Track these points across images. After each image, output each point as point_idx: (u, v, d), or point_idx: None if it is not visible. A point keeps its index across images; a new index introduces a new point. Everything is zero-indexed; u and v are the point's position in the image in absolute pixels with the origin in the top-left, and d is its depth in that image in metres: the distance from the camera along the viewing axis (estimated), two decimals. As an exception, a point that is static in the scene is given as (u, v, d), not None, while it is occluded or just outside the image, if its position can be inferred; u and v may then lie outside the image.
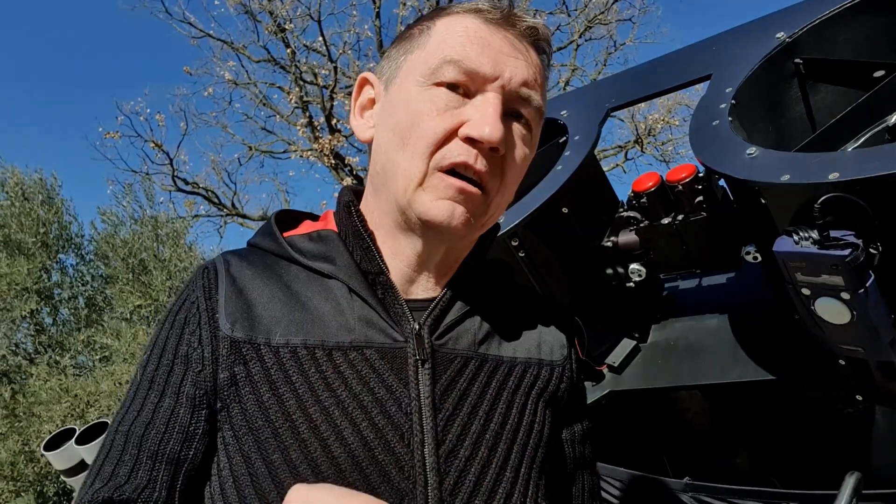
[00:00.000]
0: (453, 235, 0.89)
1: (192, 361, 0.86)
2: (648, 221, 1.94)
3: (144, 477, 0.82)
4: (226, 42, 15.76)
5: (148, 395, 0.87)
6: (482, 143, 0.83)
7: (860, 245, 1.27)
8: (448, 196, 0.85)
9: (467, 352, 0.93)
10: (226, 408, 0.85)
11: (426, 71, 0.86)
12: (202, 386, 0.85)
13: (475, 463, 0.87)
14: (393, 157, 0.88)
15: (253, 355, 0.85)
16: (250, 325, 0.87)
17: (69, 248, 10.02)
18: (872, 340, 1.38)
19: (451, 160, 0.84)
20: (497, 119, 0.84)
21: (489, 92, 0.85)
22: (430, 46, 0.88)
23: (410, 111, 0.86)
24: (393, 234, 0.93)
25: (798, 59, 1.77)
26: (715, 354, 1.94)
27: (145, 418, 0.85)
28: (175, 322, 0.90)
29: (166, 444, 0.84)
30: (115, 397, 8.57)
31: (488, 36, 0.86)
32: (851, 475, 1.47)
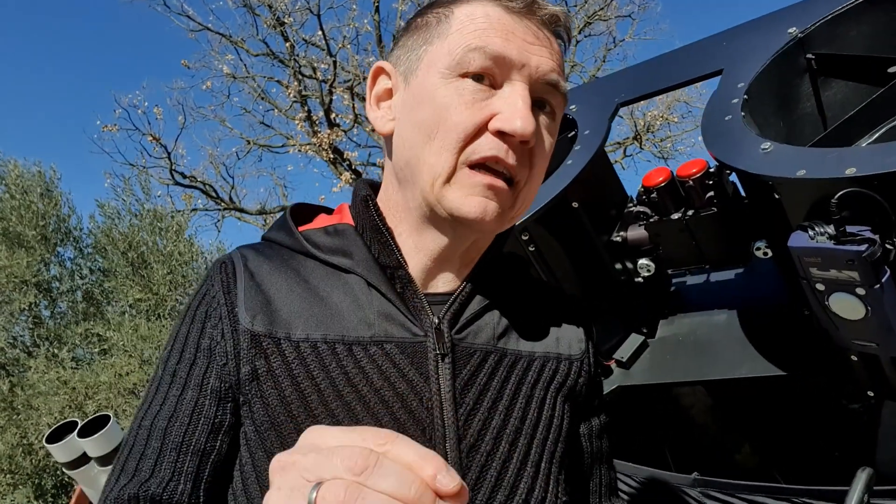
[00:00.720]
0: (485, 230, 0.88)
1: (217, 355, 0.85)
2: (658, 216, 1.93)
3: (168, 470, 0.81)
4: (224, 35, 15.71)
5: (170, 389, 0.86)
6: (513, 137, 0.82)
7: (877, 241, 1.27)
8: (479, 192, 0.83)
9: (487, 346, 0.92)
10: (248, 402, 0.84)
11: (450, 61, 0.83)
12: (227, 379, 0.85)
13: (496, 458, 0.86)
14: (418, 153, 0.85)
15: (274, 349, 0.84)
16: (270, 320, 0.86)
17: (68, 241, 9.98)
18: (886, 336, 1.38)
19: (481, 154, 0.82)
20: (528, 111, 0.82)
21: (517, 82, 0.83)
22: (451, 36, 0.85)
23: (436, 105, 0.83)
24: (418, 228, 0.91)
25: (810, 54, 1.76)
26: (724, 350, 1.94)
27: (168, 411, 0.84)
28: (196, 316, 0.89)
29: (191, 435, 0.83)
30: (115, 390, 8.55)
31: (512, 25, 0.84)
32: (863, 471, 1.47)
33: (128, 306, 9.67)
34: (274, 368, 0.83)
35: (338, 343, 0.85)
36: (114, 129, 15.25)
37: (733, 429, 2.14)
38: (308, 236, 0.95)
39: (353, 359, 0.85)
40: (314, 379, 0.83)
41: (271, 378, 0.83)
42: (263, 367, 0.84)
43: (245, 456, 0.84)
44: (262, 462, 0.82)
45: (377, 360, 0.85)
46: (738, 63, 1.79)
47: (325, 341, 0.85)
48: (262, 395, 0.83)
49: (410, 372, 0.86)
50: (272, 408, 0.82)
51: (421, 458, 0.50)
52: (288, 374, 0.83)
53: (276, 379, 0.83)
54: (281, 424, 0.82)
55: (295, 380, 0.83)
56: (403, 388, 0.85)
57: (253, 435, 0.83)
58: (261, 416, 0.83)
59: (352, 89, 15.24)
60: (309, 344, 0.85)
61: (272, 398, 0.83)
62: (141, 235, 9.80)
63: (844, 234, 1.29)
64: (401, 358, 0.86)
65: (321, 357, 0.84)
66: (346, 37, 15.35)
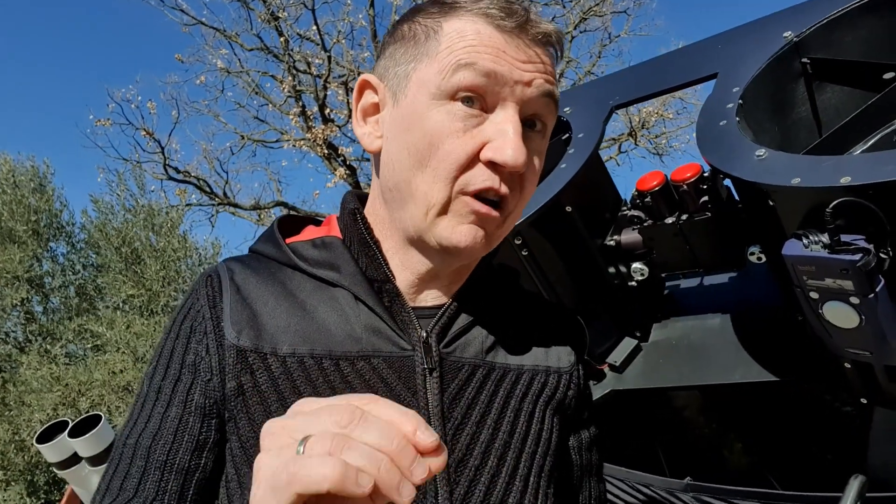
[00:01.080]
0: (471, 257, 0.89)
1: (201, 371, 0.85)
2: (652, 221, 1.93)
3: (152, 489, 0.81)
4: (218, 30, 15.61)
5: (155, 405, 0.86)
6: (506, 168, 0.81)
7: (871, 250, 1.26)
8: (470, 220, 0.83)
9: (475, 360, 0.92)
10: (233, 419, 0.84)
11: (440, 82, 0.82)
12: (211, 395, 0.84)
13: (485, 472, 0.86)
14: (409, 178, 0.84)
15: (260, 364, 0.84)
16: (256, 334, 0.85)
17: (60, 236, 9.95)
18: (880, 345, 1.37)
19: (476, 186, 0.82)
20: (519, 141, 0.81)
21: (508, 107, 0.82)
22: (440, 54, 0.83)
23: (427, 131, 0.82)
24: (404, 247, 0.91)
25: (805, 58, 1.76)
26: (717, 354, 1.93)
27: (152, 429, 0.84)
28: (181, 331, 0.89)
29: (175, 453, 0.83)
30: (108, 387, 8.53)
31: (502, 44, 0.82)
32: (856, 478, 1.47)
33: (121, 302, 9.64)
34: (260, 384, 0.83)
35: (325, 358, 0.85)
36: (107, 124, 15.16)
37: (726, 433, 2.13)
38: (295, 249, 0.94)
39: (340, 374, 0.84)
40: (301, 394, 0.82)
41: (257, 394, 0.83)
42: (249, 383, 0.83)
43: (231, 472, 0.84)
44: (247, 478, 0.81)
45: (364, 375, 0.85)
46: (733, 67, 1.78)
47: (312, 356, 0.85)
48: (248, 410, 0.82)
49: (398, 386, 0.85)
50: (257, 423, 0.81)
51: (401, 415, 0.54)
52: (274, 390, 0.83)
53: (261, 394, 0.82)
54: None
55: (281, 395, 0.82)
56: None
57: (238, 451, 0.83)
58: (246, 433, 0.82)
59: (346, 84, 15.19)
60: (296, 359, 0.84)
61: (258, 414, 0.82)
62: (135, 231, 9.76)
63: (839, 243, 1.28)
64: (388, 372, 0.86)
65: (308, 372, 0.84)
66: (341, 32, 15.29)
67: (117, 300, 9.61)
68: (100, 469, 3.05)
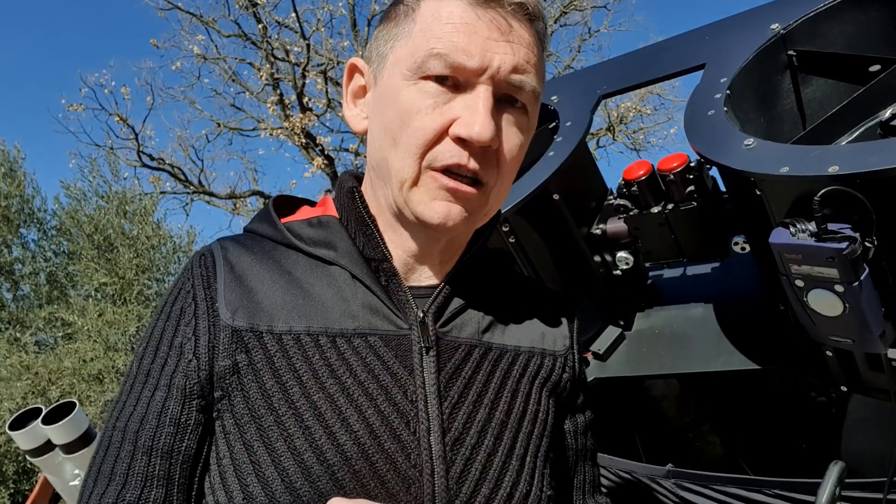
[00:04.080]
0: (451, 232, 0.88)
1: (185, 352, 0.85)
2: (638, 210, 1.94)
3: (141, 475, 0.82)
4: (195, 15, 15.41)
5: (143, 388, 0.86)
6: (472, 143, 0.81)
7: (857, 238, 1.28)
8: (442, 196, 0.83)
9: (471, 340, 0.92)
10: (227, 396, 0.83)
11: (412, 64, 0.82)
12: (193, 377, 0.84)
13: (481, 451, 0.86)
14: (386, 156, 0.86)
15: (255, 343, 0.83)
16: (252, 313, 0.85)
17: (31, 222, 9.75)
18: (863, 332, 1.39)
19: (443, 162, 0.82)
20: (487, 116, 0.80)
21: (479, 85, 0.82)
22: (414, 36, 0.84)
23: (399, 108, 0.83)
24: (393, 225, 0.91)
25: (791, 50, 1.78)
26: (699, 344, 1.96)
27: (140, 413, 0.84)
28: (171, 313, 0.88)
29: (160, 438, 0.83)
30: (79, 375, 8.40)
31: (475, 21, 0.81)
32: (835, 464, 1.49)
33: (93, 290, 9.49)
34: (255, 362, 0.82)
35: (321, 335, 0.84)
36: (79, 109, 14.93)
37: (707, 421, 2.16)
38: (291, 228, 0.94)
39: (336, 351, 0.84)
40: (296, 371, 0.82)
41: (252, 371, 0.82)
42: (244, 361, 0.83)
43: (223, 449, 0.83)
44: (240, 454, 0.80)
45: (361, 353, 0.85)
46: (721, 58, 1.80)
47: (309, 333, 0.84)
48: (243, 387, 0.82)
49: (395, 365, 0.85)
50: (252, 400, 0.81)
51: None
52: (269, 367, 0.82)
53: (256, 372, 0.82)
54: (261, 417, 0.80)
55: (276, 372, 0.82)
56: (388, 381, 0.84)
57: (232, 427, 0.82)
58: (241, 409, 0.82)
59: (325, 73, 15.08)
60: (292, 336, 0.84)
61: (252, 391, 0.81)
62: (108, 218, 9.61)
63: (825, 232, 1.30)
64: (385, 351, 0.85)
65: (304, 349, 0.83)
66: (321, 20, 15.18)
67: (89, 288, 9.46)
68: (73, 457, 2.99)
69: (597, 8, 16.85)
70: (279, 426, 0.80)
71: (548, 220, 1.94)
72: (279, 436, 0.79)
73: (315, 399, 0.81)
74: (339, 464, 0.79)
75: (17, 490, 8.41)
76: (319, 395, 0.81)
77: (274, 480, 0.78)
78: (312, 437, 0.79)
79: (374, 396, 0.83)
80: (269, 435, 0.80)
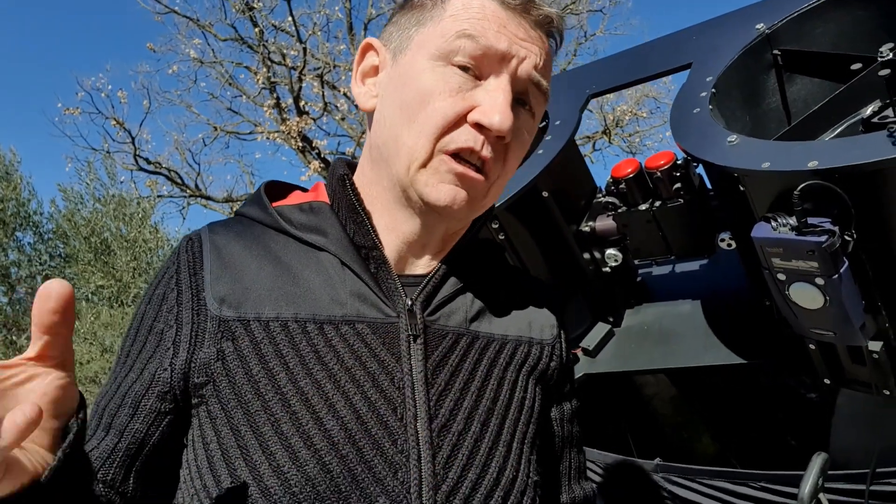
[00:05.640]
0: (453, 218, 0.90)
1: (165, 339, 0.86)
2: (626, 207, 1.96)
3: (106, 450, 0.84)
4: (191, 19, 15.40)
5: (122, 370, 0.88)
6: (491, 131, 0.83)
7: (836, 232, 1.31)
8: (450, 180, 0.85)
9: (459, 328, 0.93)
10: (211, 381, 0.83)
11: (441, 44, 0.84)
12: (166, 366, 0.85)
13: (468, 437, 0.87)
14: (398, 133, 0.86)
15: (242, 331, 0.84)
16: (239, 301, 0.86)
17: (27, 225, 9.75)
18: (843, 325, 1.42)
19: (457, 145, 0.84)
20: (507, 107, 0.83)
21: (501, 77, 0.85)
22: (445, 20, 0.86)
23: (421, 88, 0.85)
24: (390, 209, 0.92)
25: (776, 50, 1.80)
26: (687, 339, 1.98)
27: (118, 395, 0.87)
28: (154, 297, 0.90)
29: (129, 419, 0.85)
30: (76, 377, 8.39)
31: (505, 19, 0.85)
32: (818, 455, 1.52)
33: (90, 293, 9.48)
34: (241, 349, 0.83)
35: (309, 322, 0.85)
36: (76, 112, 14.89)
37: (695, 416, 2.18)
38: (282, 212, 0.94)
39: (324, 338, 0.85)
40: (283, 357, 0.83)
41: (238, 358, 0.83)
42: (230, 348, 0.83)
43: (210, 434, 0.83)
44: (227, 439, 0.81)
45: (348, 340, 0.86)
46: (707, 57, 1.83)
47: (296, 320, 0.85)
48: (228, 373, 0.83)
49: (382, 352, 0.86)
50: (238, 386, 0.82)
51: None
52: (256, 354, 0.83)
53: (243, 358, 0.83)
54: (248, 402, 0.81)
55: (263, 359, 0.83)
56: (375, 368, 0.85)
57: (219, 412, 0.83)
58: (227, 394, 0.82)
59: (322, 77, 15.09)
60: (279, 323, 0.85)
61: (238, 376, 0.82)
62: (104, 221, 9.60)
63: (806, 226, 1.33)
64: (372, 338, 0.86)
65: (291, 336, 0.84)
66: (317, 24, 15.18)
67: (86, 291, 9.45)
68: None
69: (592, 11, 16.91)
70: (266, 411, 0.81)
71: (537, 218, 1.96)
72: (266, 420, 0.80)
73: (302, 385, 0.82)
74: (325, 448, 0.79)
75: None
76: (306, 381, 0.82)
77: (261, 464, 0.79)
78: (299, 422, 0.80)
79: (361, 383, 0.84)
80: (255, 420, 0.80)
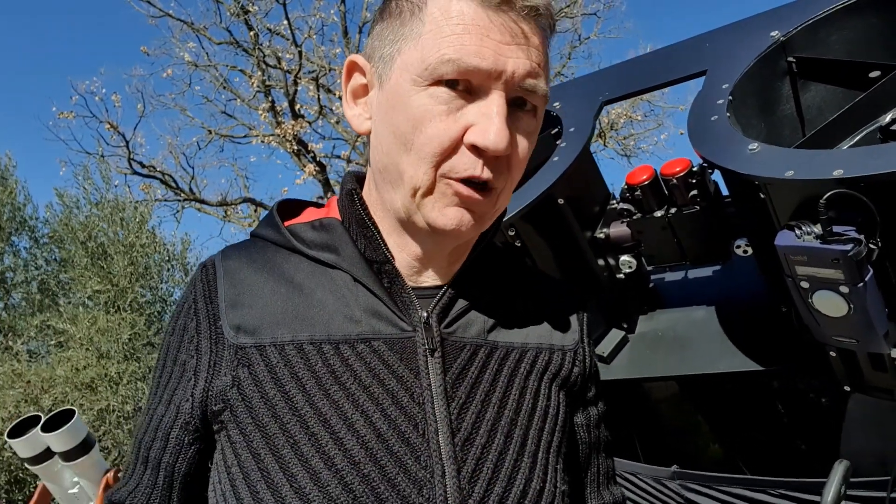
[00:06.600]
0: (461, 238, 0.89)
1: (187, 369, 0.89)
2: (641, 214, 1.96)
3: (136, 480, 0.93)
4: (186, 22, 15.37)
5: (152, 401, 0.93)
6: (487, 152, 0.80)
7: (862, 240, 1.31)
8: (456, 203, 0.83)
9: (477, 340, 0.92)
10: (229, 408, 0.84)
11: (422, 70, 0.80)
12: (188, 395, 0.88)
13: (492, 450, 0.86)
14: (396, 161, 0.84)
15: (257, 357, 0.84)
16: (254, 327, 0.86)
17: (23, 230, 9.71)
18: (867, 333, 1.42)
19: (458, 175, 0.82)
20: (502, 125, 0.80)
21: (492, 91, 0.81)
22: (424, 38, 0.81)
23: (410, 114, 0.81)
24: (398, 230, 0.91)
25: (791, 57, 1.81)
26: (702, 345, 1.98)
27: (152, 426, 0.92)
28: (177, 328, 0.92)
29: (162, 452, 0.90)
30: (72, 384, 8.35)
31: (486, 24, 0.79)
32: (840, 463, 1.52)
33: (86, 298, 9.44)
34: (257, 374, 0.84)
35: (324, 343, 0.85)
36: (70, 116, 14.85)
37: (710, 423, 2.18)
38: (295, 231, 0.94)
39: (340, 357, 0.85)
40: (300, 380, 0.83)
41: (254, 383, 0.83)
42: (245, 374, 0.84)
43: (231, 458, 0.84)
44: (248, 462, 0.82)
45: (365, 358, 0.85)
46: (722, 64, 1.83)
47: (311, 342, 0.85)
48: (245, 398, 0.83)
49: (400, 368, 0.86)
50: (256, 410, 0.83)
51: None
52: (271, 378, 0.83)
53: (259, 384, 0.83)
54: (266, 426, 0.82)
55: (279, 382, 0.83)
56: (393, 385, 0.85)
57: (238, 437, 0.83)
58: (244, 419, 0.83)
59: (317, 80, 15.09)
60: (294, 346, 0.85)
61: (255, 401, 0.83)
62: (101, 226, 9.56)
63: (831, 234, 1.33)
64: (389, 354, 0.86)
65: (307, 358, 0.84)
66: (312, 27, 15.18)
67: (82, 296, 9.41)
68: (73, 464, 2.99)
69: (587, 15, 16.97)
70: (284, 434, 0.81)
71: (552, 225, 1.96)
72: (285, 443, 0.81)
73: (320, 406, 0.82)
74: (347, 468, 0.79)
75: (10, 500, 8.33)
76: (324, 402, 0.82)
77: (283, 486, 0.79)
78: (318, 443, 0.80)
79: (379, 400, 0.83)
80: (274, 442, 0.81)
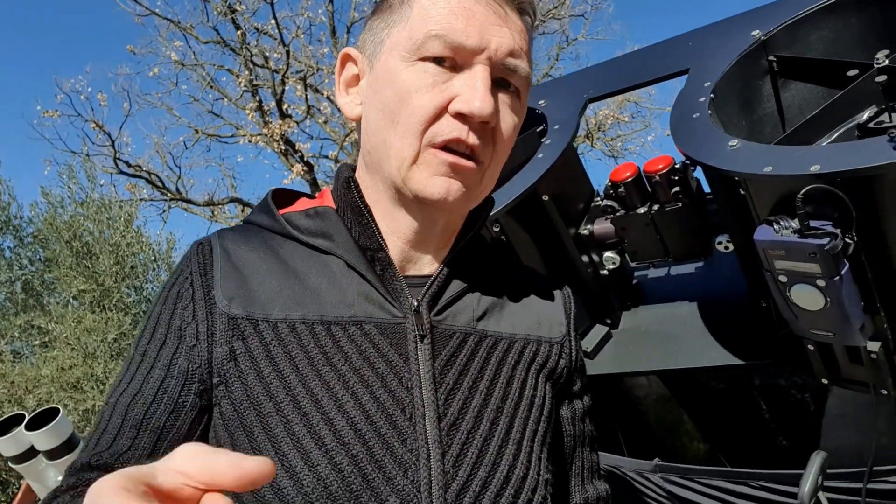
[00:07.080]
0: (450, 209, 0.90)
1: (186, 335, 0.86)
2: (624, 211, 1.99)
3: (125, 444, 0.83)
4: (172, 21, 15.29)
5: (139, 368, 0.87)
6: (472, 118, 0.83)
7: (838, 235, 1.34)
8: (442, 172, 0.85)
9: (466, 328, 0.94)
10: (224, 382, 0.84)
11: (411, 46, 0.84)
12: (195, 360, 0.85)
13: (477, 435, 0.87)
14: (384, 137, 0.87)
15: (251, 331, 0.85)
16: (248, 301, 0.87)
17: (7, 229, 9.62)
18: (843, 326, 1.45)
19: (443, 137, 0.84)
20: (486, 92, 0.83)
21: (477, 65, 0.84)
22: (412, 19, 0.86)
23: (398, 88, 0.85)
24: (389, 210, 0.93)
25: (772, 56, 1.84)
26: (685, 340, 2.00)
27: (133, 389, 0.86)
28: (168, 297, 0.90)
29: (152, 413, 0.84)
30: (57, 384, 8.28)
31: (472, 6, 0.84)
32: (818, 454, 1.55)
33: (71, 297, 9.37)
34: (252, 349, 0.84)
35: (317, 323, 0.86)
36: (55, 115, 14.73)
37: (692, 417, 2.21)
38: (289, 219, 0.95)
39: (332, 339, 0.86)
40: (293, 359, 0.84)
41: (249, 358, 0.84)
42: (241, 348, 0.84)
43: (223, 435, 0.84)
44: (241, 440, 0.82)
45: (356, 340, 0.86)
46: (705, 63, 1.86)
47: (304, 321, 0.86)
48: (241, 374, 0.84)
49: (390, 352, 0.87)
50: (250, 387, 0.83)
51: None
52: (266, 355, 0.84)
53: (253, 359, 0.84)
54: (260, 403, 0.82)
55: (273, 360, 0.84)
56: (383, 368, 0.86)
57: (231, 414, 0.84)
58: (239, 395, 0.83)
59: (305, 80, 15.06)
60: (287, 324, 0.86)
61: (250, 377, 0.83)
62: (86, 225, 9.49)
63: (808, 228, 1.35)
64: (380, 338, 0.87)
65: (300, 337, 0.85)
66: (300, 27, 15.15)
67: (67, 295, 9.33)
68: (57, 463, 2.97)
69: (574, 17, 17.04)
70: (278, 412, 0.82)
71: (537, 221, 1.98)
72: (278, 422, 0.81)
73: (312, 386, 0.83)
74: (337, 448, 0.80)
75: (-7, 501, 8.26)
76: (316, 382, 0.83)
77: (275, 465, 0.80)
78: (310, 423, 0.81)
79: (369, 383, 0.85)
80: (268, 421, 0.81)
